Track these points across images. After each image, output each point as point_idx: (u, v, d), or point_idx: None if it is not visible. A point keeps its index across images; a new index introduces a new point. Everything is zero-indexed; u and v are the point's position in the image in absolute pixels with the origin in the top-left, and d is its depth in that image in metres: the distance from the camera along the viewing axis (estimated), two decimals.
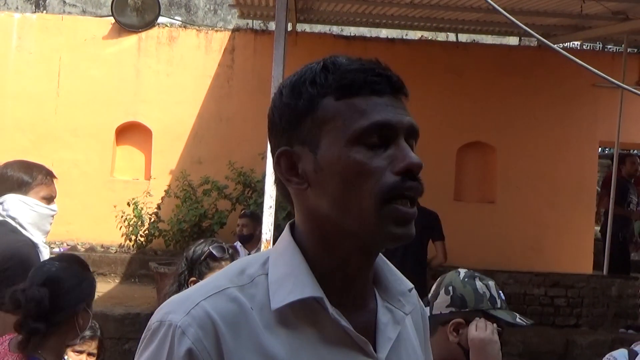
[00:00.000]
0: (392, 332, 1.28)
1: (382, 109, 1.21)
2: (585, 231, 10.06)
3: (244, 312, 1.19)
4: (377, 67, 1.24)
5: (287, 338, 1.19)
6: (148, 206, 10.14)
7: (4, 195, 3.33)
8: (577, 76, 9.75)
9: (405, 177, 1.19)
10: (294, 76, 1.28)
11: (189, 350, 1.13)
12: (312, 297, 1.20)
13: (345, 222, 1.21)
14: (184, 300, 1.20)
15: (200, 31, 11.05)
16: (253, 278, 1.23)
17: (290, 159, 1.25)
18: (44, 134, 10.41)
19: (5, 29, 10.68)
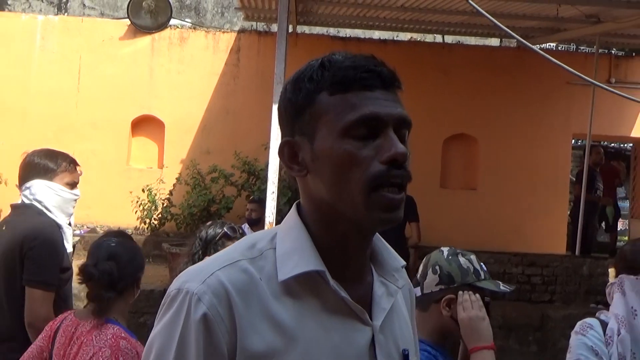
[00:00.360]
0: (386, 303, 1.29)
1: (372, 103, 1.21)
2: (559, 215, 10.10)
3: (253, 282, 1.20)
4: (369, 63, 1.24)
5: (293, 306, 1.20)
6: (161, 192, 10.15)
7: (31, 181, 3.33)
8: (553, 74, 9.75)
9: (391, 166, 1.19)
10: (297, 72, 1.28)
11: (204, 315, 1.15)
12: (315, 271, 1.22)
13: (339, 206, 1.22)
14: (200, 270, 1.21)
15: (208, 32, 11.03)
16: (262, 252, 1.25)
17: (292, 148, 1.26)
18: (66, 127, 10.39)
19: (30, 30, 10.65)
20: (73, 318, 2.67)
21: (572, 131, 10.82)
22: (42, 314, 3.04)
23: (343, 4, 8.65)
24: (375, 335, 1.26)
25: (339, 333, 1.22)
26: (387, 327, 1.29)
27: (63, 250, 3.26)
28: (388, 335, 1.29)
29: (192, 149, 10.61)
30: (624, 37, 9.78)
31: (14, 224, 3.25)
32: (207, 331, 1.15)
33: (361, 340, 1.24)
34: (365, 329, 1.25)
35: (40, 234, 3.15)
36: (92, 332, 2.54)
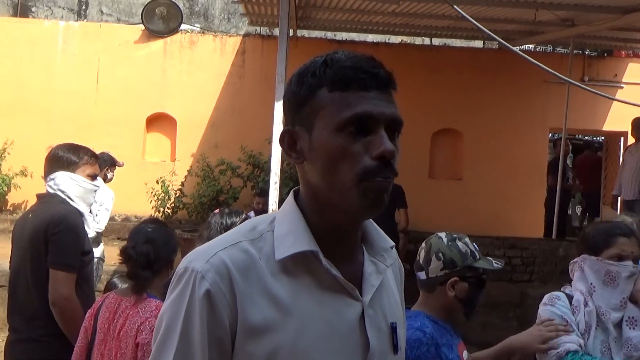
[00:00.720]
0: (375, 280, 1.30)
1: (367, 102, 1.20)
2: (537, 202, 10.10)
3: (253, 261, 1.21)
4: (368, 64, 1.23)
5: (289, 283, 1.21)
6: (173, 183, 10.16)
7: (55, 173, 3.34)
8: (531, 73, 9.74)
9: (380, 162, 1.19)
10: (302, 67, 1.28)
11: (207, 291, 1.16)
12: (309, 251, 1.22)
13: (330, 195, 1.22)
14: (205, 251, 1.22)
15: (216, 36, 11.01)
16: (262, 234, 1.25)
17: (292, 137, 1.26)
18: (86, 124, 10.38)
19: (52, 35, 10.63)
20: (115, 296, 2.79)
21: (548, 125, 10.82)
22: (64, 293, 3.06)
23: (339, 9, 8.63)
24: (365, 310, 1.26)
25: (331, 308, 1.22)
26: (377, 302, 1.29)
27: (84, 235, 3.27)
28: (377, 310, 1.29)
29: (202, 144, 10.61)
30: (597, 38, 9.77)
31: (40, 211, 3.26)
32: (210, 305, 1.16)
33: (352, 315, 1.24)
34: (355, 304, 1.25)
35: (63, 220, 3.16)
36: (136, 306, 2.68)
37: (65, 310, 3.07)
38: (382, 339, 1.28)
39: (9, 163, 10.19)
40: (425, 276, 2.37)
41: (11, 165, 10.18)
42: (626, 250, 2.44)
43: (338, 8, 8.54)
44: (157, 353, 1.19)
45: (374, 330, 1.26)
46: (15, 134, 10.27)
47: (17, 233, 3.31)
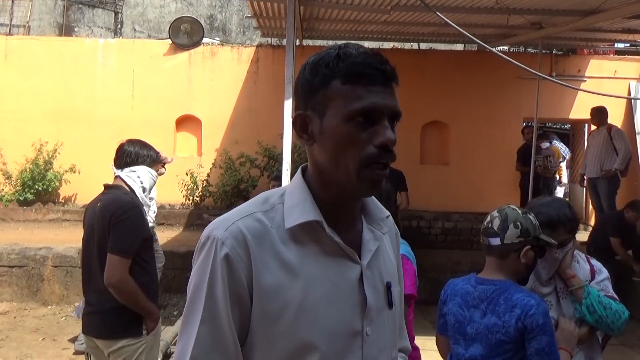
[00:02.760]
0: (372, 246, 1.30)
1: (374, 96, 1.19)
2: (513, 183, 10.07)
3: (266, 230, 1.21)
4: (376, 61, 1.21)
5: (297, 249, 1.22)
6: (201, 175, 10.19)
7: (137, 166, 3.36)
8: (506, 71, 9.70)
9: (382, 149, 1.19)
10: (316, 57, 1.26)
11: (226, 255, 1.17)
12: (315, 221, 1.22)
13: (336, 175, 1.22)
14: (223, 220, 1.23)
15: (233, 47, 10.98)
16: (273, 205, 1.25)
17: (304, 120, 1.25)
18: (124, 126, 10.41)
19: (93, 51, 10.64)
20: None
21: (522, 115, 10.77)
22: (116, 275, 3.02)
23: (338, 21, 8.59)
24: (364, 271, 1.26)
25: (334, 270, 1.23)
26: (374, 265, 1.29)
27: (144, 224, 3.22)
28: (374, 271, 1.29)
29: (224, 140, 10.62)
30: (562, 39, 9.69)
31: (106, 200, 3.23)
32: (229, 267, 1.17)
33: (352, 276, 1.25)
34: (355, 266, 1.26)
35: (126, 211, 3.12)
36: None
37: (119, 290, 3.04)
38: (379, 296, 1.28)
39: (60, 162, 10.25)
40: (500, 242, 2.28)
41: (61, 163, 10.23)
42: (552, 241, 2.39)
43: (337, 19, 8.50)
44: (188, 309, 1.20)
45: (371, 289, 1.26)
46: (64, 137, 10.32)
47: (87, 218, 3.28)
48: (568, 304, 2.42)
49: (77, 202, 10.58)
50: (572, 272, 2.42)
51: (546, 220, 2.40)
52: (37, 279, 7.54)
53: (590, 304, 2.35)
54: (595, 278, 2.48)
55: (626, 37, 9.30)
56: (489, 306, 2.23)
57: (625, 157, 8.44)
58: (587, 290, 2.37)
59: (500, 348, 2.17)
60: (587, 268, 2.50)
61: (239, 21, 12.98)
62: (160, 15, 12.89)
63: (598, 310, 2.34)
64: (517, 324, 2.14)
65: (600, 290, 2.43)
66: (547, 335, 2.11)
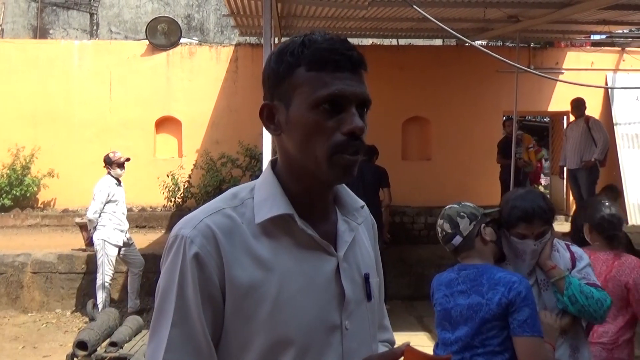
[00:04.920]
0: (348, 237, 1.27)
1: (340, 82, 1.15)
2: (494, 176, 10.13)
3: (236, 225, 1.18)
4: (342, 47, 1.17)
5: (269, 244, 1.18)
6: (182, 176, 10.12)
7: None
8: (485, 65, 9.76)
9: (350, 137, 1.16)
10: (281, 45, 1.22)
11: (196, 254, 1.13)
12: (286, 214, 1.19)
13: (305, 164, 1.19)
14: (191, 218, 1.19)
15: (211, 47, 10.91)
16: (243, 201, 1.22)
17: (271, 111, 1.22)
18: (102, 129, 10.30)
19: (69, 53, 10.50)
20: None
21: (502, 109, 10.84)
22: None
23: (317, 18, 8.58)
24: (340, 263, 1.23)
25: (309, 263, 1.20)
26: (350, 256, 1.26)
27: None
28: (351, 263, 1.26)
29: (205, 141, 10.55)
30: (539, 32, 9.79)
31: None
32: (200, 266, 1.13)
33: (328, 268, 1.22)
34: (331, 259, 1.22)
35: None
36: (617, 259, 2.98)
37: None
38: (357, 288, 1.25)
39: (37, 166, 10.10)
40: (461, 238, 2.33)
41: (39, 168, 10.09)
42: (526, 232, 2.40)
43: (315, 16, 8.48)
44: (158, 312, 1.17)
45: (349, 281, 1.23)
46: (42, 141, 10.18)
47: None
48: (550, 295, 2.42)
49: (56, 207, 10.44)
50: (553, 264, 2.43)
51: (521, 213, 2.39)
52: (16, 286, 7.42)
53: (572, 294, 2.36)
54: (577, 266, 2.48)
55: (602, 29, 9.41)
56: (472, 287, 2.28)
57: (604, 148, 8.55)
58: (568, 281, 2.38)
59: (484, 326, 2.20)
60: (568, 256, 2.50)
61: (217, 20, 12.89)
62: (136, 16, 12.75)
63: (580, 300, 2.35)
64: (500, 300, 2.18)
65: (581, 278, 2.43)
66: (529, 308, 2.15)
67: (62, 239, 8.84)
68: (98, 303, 6.54)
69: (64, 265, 7.48)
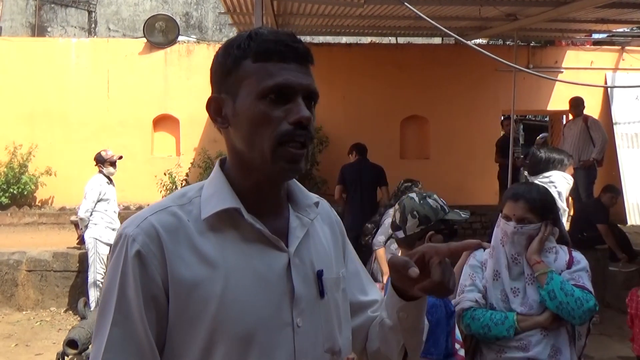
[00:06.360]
0: (299, 233, 1.25)
1: (286, 73, 1.15)
2: (492, 175, 10.09)
3: (181, 223, 1.16)
4: (289, 39, 1.18)
5: (216, 240, 1.17)
6: (179, 175, 10.07)
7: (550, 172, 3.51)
8: (483, 64, 9.70)
9: (297, 127, 1.15)
10: (228, 40, 1.23)
11: (138, 252, 1.12)
12: (232, 208, 1.18)
13: (251, 157, 1.18)
14: (137, 217, 1.18)
15: (209, 45, 10.89)
16: (191, 199, 1.21)
17: (218, 104, 1.21)
18: (100, 127, 10.29)
19: (66, 50, 10.50)
20: None
21: (500, 108, 10.80)
22: None
23: (313, 15, 8.55)
24: (291, 259, 1.21)
25: (258, 259, 1.18)
26: (303, 252, 1.24)
27: None
28: (304, 259, 1.24)
29: (202, 139, 10.53)
30: (538, 30, 9.74)
31: None
32: (141, 265, 1.12)
33: (278, 264, 1.19)
34: (281, 254, 1.20)
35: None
36: None
37: None
38: (309, 285, 1.23)
39: (35, 164, 10.10)
40: (403, 234, 2.30)
41: (37, 166, 10.09)
42: (509, 213, 2.43)
43: (312, 14, 8.45)
44: (101, 310, 1.15)
45: (300, 278, 1.21)
46: (39, 139, 10.18)
47: None
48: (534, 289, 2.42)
49: (53, 205, 10.43)
50: (539, 258, 2.42)
51: (510, 194, 2.47)
52: (11, 284, 7.41)
53: (551, 289, 2.36)
54: (572, 268, 2.46)
55: (601, 27, 9.35)
56: None
57: (603, 147, 8.51)
58: (550, 276, 2.38)
59: None
60: (566, 258, 2.48)
61: (215, 18, 12.88)
62: (134, 14, 12.74)
63: (559, 297, 2.34)
64: None
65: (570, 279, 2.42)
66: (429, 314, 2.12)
67: (59, 237, 8.84)
68: (90, 301, 6.52)
69: (58, 263, 7.47)
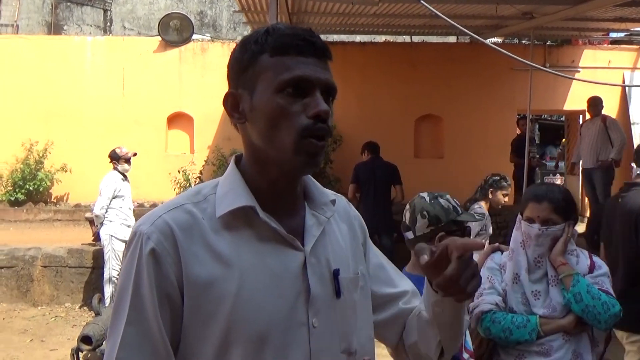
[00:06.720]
0: (316, 231, 1.23)
1: (304, 67, 1.14)
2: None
3: (196, 221, 1.15)
4: (306, 34, 1.17)
5: (230, 238, 1.15)
6: (193, 172, 10.11)
7: None
8: (499, 63, 9.65)
9: (316, 120, 1.13)
10: (246, 36, 1.23)
11: (152, 250, 1.11)
12: (247, 206, 1.16)
13: (269, 151, 1.16)
14: (151, 215, 1.17)
15: (224, 43, 10.92)
16: (206, 196, 1.20)
17: (235, 99, 1.20)
18: (115, 125, 10.35)
19: (82, 49, 10.58)
20: None
21: (516, 107, 10.71)
22: None
23: (327, 14, 8.53)
24: (307, 259, 1.19)
25: (273, 258, 1.16)
26: (319, 251, 1.22)
27: None
28: (320, 258, 1.22)
29: (216, 137, 10.55)
30: (555, 29, 9.64)
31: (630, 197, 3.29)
32: (156, 263, 1.11)
33: (294, 264, 1.18)
34: (297, 253, 1.18)
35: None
36: None
37: None
38: (325, 285, 1.21)
39: (51, 161, 10.19)
40: (413, 235, 2.24)
41: (52, 163, 10.17)
42: (532, 215, 2.37)
43: (326, 13, 8.43)
44: (115, 308, 1.15)
45: (316, 277, 1.19)
46: (55, 136, 10.26)
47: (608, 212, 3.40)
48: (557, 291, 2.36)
49: (69, 201, 10.51)
50: (564, 260, 2.36)
51: (532, 195, 2.40)
52: (27, 280, 7.48)
53: (577, 292, 2.30)
54: (594, 272, 2.42)
55: (619, 26, 9.24)
56: None
57: (621, 148, 8.41)
58: (576, 279, 2.32)
59: None
60: (587, 263, 2.44)
61: (230, 17, 12.90)
62: (149, 12, 12.81)
63: (585, 299, 2.28)
64: None
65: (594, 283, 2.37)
66: None
67: (74, 233, 8.91)
68: (105, 298, 6.56)
69: (73, 259, 7.53)
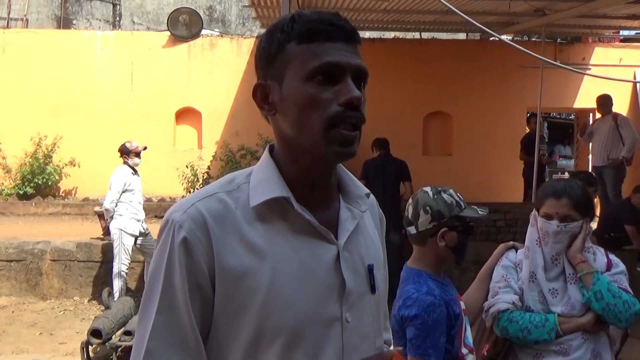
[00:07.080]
0: (350, 225, 1.21)
1: (333, 52, 1.11)
2: (516, 172, 9.96)
3: (229, 210, 1.13)
4: (333, 18, 1.13)
5: (264, 229, 1.13)
6: (201, 167, 10.11)
7: None
8: (509, 60, 9.60)
9: (347, 108, 1.10)
10: (271, 25, 1.20)
11: (184, 239, 1.10)
12: (282, 197, 1.14)
13: (301, 141, 1.13)
14: (184, 203, 1.15)
15: (233, 39, 10.91)
16: (239, 185, 1.18)
17: (264, 90, 1.17)
18: (123, 119, 10.36)
19: (91, 43, 10.59)
20: None
21: (526, 105, 10.66)
22: None
23: (338, 9, 8.48)
24: (341, 252, 1.17)
25: (306, 251, 1.14)
26: (353, 245, 1.20)
27: None
28: (354, 252, 1.20)
29: (224, 132, 10.56)
30: (566, 27, 9.59)
31: None
32: (187, 252, 1.09)
33: (327, 257, 1.16)
34: (331, 247, 1.16)
35: None
36: None
37: None
38: (359, 279, 1.19)
39: (59, 155, 10.21)
40: (415, 230, 2.21)
41: (61, 157, 10.20)
42: (551, 211, 2.33)
43: (336, 8, 8.39)
44: (146, 297, 1.14)
45: (350, 271, 1.17)
46: (63, 130, 10.28)
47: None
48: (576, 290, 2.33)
49: (77, 195, 10.54)
50: (582, 257, 2.33)
51: (551, 191, 2.36)
52: (36, 273, 7.50)
53: (598, 290, 2.27)
54: (611, 270, 2.39)
55: (632, 24, 9.17)
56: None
57: (632, 146, 8.34)
58: (596, 277, 2.29)
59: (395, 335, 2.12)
60: (604, 261, 2.41)
61: (239, 12, 12.89)
62: (158, 7, 12.80)
63: (606, 298, 2.25)
64: (396, 314, 2.12)
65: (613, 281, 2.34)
66: (415, 328, 2.05)
67: (82, 227, 8.93)
68: (114, 292, 6.57)
69: (82, 253, 7.54)
